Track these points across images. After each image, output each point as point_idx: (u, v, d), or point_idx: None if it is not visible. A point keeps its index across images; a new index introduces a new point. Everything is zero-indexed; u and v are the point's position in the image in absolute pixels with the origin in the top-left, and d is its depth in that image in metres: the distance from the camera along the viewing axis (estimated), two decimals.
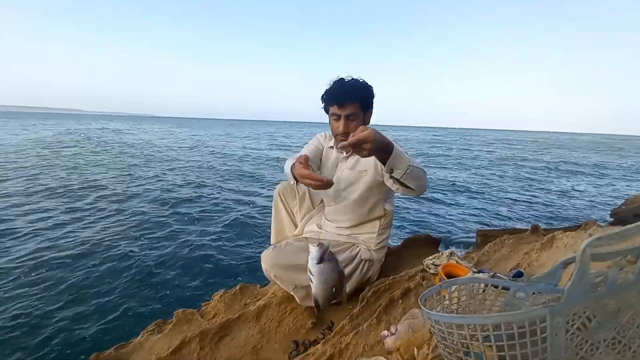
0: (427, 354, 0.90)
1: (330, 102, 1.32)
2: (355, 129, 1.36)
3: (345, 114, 1.31)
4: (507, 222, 5.35)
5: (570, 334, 0.65)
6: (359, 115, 1.33)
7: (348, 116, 1.31)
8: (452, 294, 0.78)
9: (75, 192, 6.15)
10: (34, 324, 2.30)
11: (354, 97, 1.30)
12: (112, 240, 3.84)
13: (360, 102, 1.32)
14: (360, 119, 1.35)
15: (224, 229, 4.43)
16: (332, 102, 1.31)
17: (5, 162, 9.02)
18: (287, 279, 1.33)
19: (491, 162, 13.74)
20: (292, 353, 1.21)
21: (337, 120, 1.34)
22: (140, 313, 2.46)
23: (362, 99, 1.32)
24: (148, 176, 8.13)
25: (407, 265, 1.73)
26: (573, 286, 0.57)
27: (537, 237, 1.92)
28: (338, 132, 1.35)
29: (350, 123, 1.33)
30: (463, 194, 7.17)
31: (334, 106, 1.31)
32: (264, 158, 13.23)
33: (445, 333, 0.63)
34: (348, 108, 1.30)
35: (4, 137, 17.12)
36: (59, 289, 2.74)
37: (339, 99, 1.29)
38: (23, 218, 4.50)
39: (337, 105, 1.30)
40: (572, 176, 10.65)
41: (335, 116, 1.34)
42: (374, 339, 1.11)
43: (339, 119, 1.33)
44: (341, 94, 1.29)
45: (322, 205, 1.64)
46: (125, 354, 1.29)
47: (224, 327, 1.31)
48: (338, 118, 1.33)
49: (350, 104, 1.29)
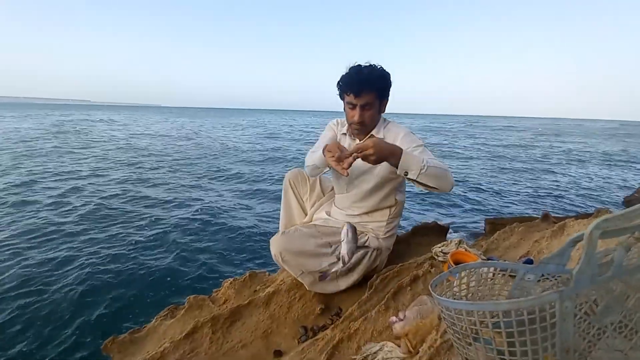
0: (435, 339, 0.91)
1: (346, 90, 1.29)
2: (370, 118, 1.37)
3: (361, 103, 1.29)
4: (517, 210, 5.29)
5: (578, 319, 0.65)
6: (374, 104, 1.32)
7: (364, 106, 1.29)
8: (462, 280, 0.78)
9: (81, 177, 6.28)
10: (51, 310, 2.39)
11: (371, 87, 1.27)
12: (123, 231, 3.92)
13: (377, 92, 1.30)
14: (375, 108, 1.33)
15: (232, 218, 4.48)
16: (348, 90, 1.28)
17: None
18: (296, 264, 1.34)
19: (499, 150, 13.48)
20: (302, 338, 1.24)
21: (352, 109, 1.32)
22: (153, 299, 2.53)
23: (378, 89, 1.30)
24: (166, 167, 8.23)
25: (415, 253, 1.73)
26: (581, 270, 0.57)
27: (548, 225, 1.89)
28: (353, 121, 1.34)
29: (365, 112, 1.31)
30: (471, 183, 7.08)
31: (350, 95, 1.28)
32: (264, 149, 13.17)
33: (454, 319, 0.64)
34: (364, 98, 1.27)
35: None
36: (76, 275, 2.82)
37: (355, 89, 1.26)
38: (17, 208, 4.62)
39: (354, 95, 1.27)
40: (583, 164, 10.42)
41: (350, 105, 1.32)
42: (383, 325, 1.12)
43: (354, 107, 1.31)
44: (358, 84, 1.26)
45: (332, 193, 1.64)
46: (140, 338, 1.33)
47: (234, 312, 1.34)
48: (353, 107, 1.31)
49: (366, 93, 1.27)
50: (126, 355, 1.27)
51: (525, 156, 11.90)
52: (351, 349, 1.04)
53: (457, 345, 0.71)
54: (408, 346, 0.96)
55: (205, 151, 11.60)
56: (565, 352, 0.61)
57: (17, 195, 5.21)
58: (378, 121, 1.41)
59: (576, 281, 0.58)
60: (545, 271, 0.72)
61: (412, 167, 1.06)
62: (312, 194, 1.66)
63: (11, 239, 3.52)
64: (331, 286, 1.41)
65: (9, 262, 3.03)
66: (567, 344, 0.61)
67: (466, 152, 12.52)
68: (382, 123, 1.43)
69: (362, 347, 1.04)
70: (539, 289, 0.76)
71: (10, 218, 4.17)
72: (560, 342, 0.61)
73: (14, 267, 2.93)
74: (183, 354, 1.18)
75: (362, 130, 1.38)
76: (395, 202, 1.47)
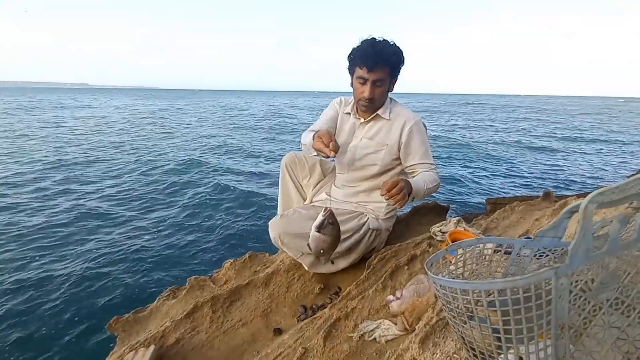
0: (431, 317, 0.91)
1: (359, 63, 1.24)
2: (380, 96, 1.34)
3: (374, 79, 1.25)
4: (518, 190, 5.27)
5: (574, 295, 0.65)
6: (386, 81, 1.28)
7: (376, 81, 1.25)
8: (458, 258, 0.77)
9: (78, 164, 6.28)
10: (57, 291, 2.45)
11: (386, 62, 1.23)
12: (124, 213, 3.96)
13: (390, 69, 1.26)
14: (386, 85, 1.30)
15: (231, 200, 4.50)
16: (361, 63, 1.23)
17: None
18: (294, 247, 1.34)
19: (499, 130, 13.26)
20: (301, 316, 1.25)
21: (363, 84, 1.28)
22: (155, 281, 2.58)
23: (392, 65, 1.26)
24: (152, 148, 8.20)
25: (414, 233, 1.73)
26: (576, 246, 0.55)
27: (549, 203, 1.88)
28: (362, 97, 1.30)
29: (376, 89, 1.27)
30: (472, 163, 7.03)
31: (363, 68, 1.24)
32: (263, 128, 13.03)
33: (450, 298, 0.63)
34: (378, 73, 1.24)
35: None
36: (82, 258, 2.88)
37: (369, 62, 1.21)
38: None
39: (367, 69, 1.23)
40: (585, 143, 10.26)
41: (361, 79, 1.27)
42: (380, 304, 1.13)
43: (365, 82, 1.27)
44: (373, 57, 1.21)
45: (333, 174, 1.62)
46: (143, 318, 1.36)
47: (234, 292, 1.36)
48: (364, 82, 1.27)
49: (380, 68, 1.23)
50: (130, 334, 1.30)
51: (525, 135, 11.72)
52: (348, 327, 1.06)
53: (452, 323, 0.71)
54: (404, 324, 0.97)
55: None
56: (560, 329, 0.61)
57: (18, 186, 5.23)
58: (385, 100, 1.38)
59: (571, 257, 0.56)
60: (540, 245, 0.70)
61: (419, 194, 1.23)
62: (313, 175, 1.64)
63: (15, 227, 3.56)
64: (330, 266, 1.42)
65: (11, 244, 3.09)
66: (562, 321, 0.61)
67: (467, 133, 12.34)
68: (388, 102, 1.40)
69: (359, 325, 1.05)
70: (535, 264, 0.75)
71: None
72: (555, 319, 0.60)
73: (15, 250, 2.99)
74: (184, 333, 1.21)
75: (369, 107, 1.35)
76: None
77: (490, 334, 0.63)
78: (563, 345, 0.62)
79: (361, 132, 1.42)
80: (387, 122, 1.38)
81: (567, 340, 0.62)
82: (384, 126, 1.38)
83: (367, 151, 1.39)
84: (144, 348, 1.12)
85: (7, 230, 3.36)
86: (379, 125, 1.39)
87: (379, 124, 1.40)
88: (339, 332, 1.04)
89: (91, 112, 20.05)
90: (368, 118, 1.40)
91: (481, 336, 0.66)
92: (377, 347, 0.98)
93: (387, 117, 1.37)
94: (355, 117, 1.44)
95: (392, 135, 1.36)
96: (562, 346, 0.62)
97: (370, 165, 1.41)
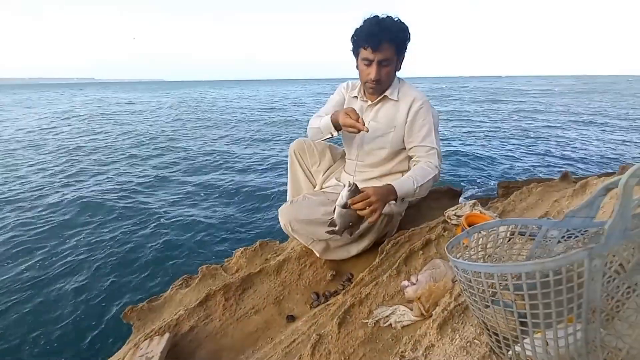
0: (449, 303, 0.88)
1: (363, 43, 1.18)
2: (387, 76, 1.27)
3: (379, 59, 1.18)
4: (532, 174, 5.14)
5: (607, 277, 0.61)
6: (392, 60, 1.21)
7: (381, 62, 1.19)
8: (478, 241, 0.73)
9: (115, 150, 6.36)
10: (77, 281, 2.50)
11: (391, 40, 1.16)
12: (138, 207, 4.00)
13: (396, 47, 1.19)
14: (393, 65, 1.23)
15: (239, 189, 4.51)
16: (365, 43, 1.17)
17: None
18: (305, 233, 1.32)
19: (508, 113, 12.83)
20: (314, 303, 1.24)
21: (368, 65, 1.22)
22: (168, 269, 2.62)
23: (398, 43, 1.19)
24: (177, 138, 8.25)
25: (427, 217, 1.69)
26: (614, 224, 0.51)
27: (568, 184, 1.81)
28: (368, 79, 1.24)
29: (383, 69, 1.21)
30: (484, 147, 6.86)
31: (367, 49, 1.17)
32: (263, 119, 12.93)
33: (472, 282, 0.60)
34: (383, 52, 1.17)
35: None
36: (95, 250, 2.93)
37: (374, 41, 1.15)
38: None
39: (372, 48, 1.16)
40: (602, 125, 9.85)
41: (366, 61, 1.21)
42: (394, 289, 1.11)
43: (370, 64, 1.21)
44: (377, 35, 1.14)
45: (342, 160, 1.58)
46: (157, 306, 1.37)
47: (246, 280, 1.35)
48: (370, 63, 1.21)
49: (386, 47, 1.16)
50: (145, 323, 1.31)
51: (537, 118, 11.35)
52: (363, 313, 1.04)
53: (473, 308, 0.68)
54: (421, 309, 0.95)
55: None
56: (592, 312, 0.57)
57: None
58: (393, 80, 1.32)
59: (608, 237, 0.52)
60: (570, 226, 0.65)
61: (409, 195, 1.19)
62: (323, 161, 1.60)
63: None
64: (342, 252, 1.40)
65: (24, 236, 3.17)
66: (593, 304, 0.57)
67: (475, 116, 12.02)
68: (396, 83, 1.34)
69: (374, 311, 1.03)
70: (562, 246, 0.71)
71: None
72: (587, 303, 0.56)
73: (28, 243, 3.06)
74: (198, 321, 1.21)
75: (377, 89, 1.29)
76: (408, 168, 1.40)
77: (516, 319, 0.60)
78: (593, 329, 0.58)
79: (369, 115, 1.37)
80: (395, 103, 1.32)
81: (597, 324, 0.58)
82: (392, 107, 1.33)
83: (376, 134, 1.35)
84: (158, 336, 1.13)
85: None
86: (387, 107, 1.34)
87: (387, 106, 1.34)
88: (353, 319, 1.02)
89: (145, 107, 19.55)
90: (375, 100, 1.35)
91: (505, 321, 0.63)
92: (393, 332, 0.96)
93: (395, 98, 1.31)
94: (363, 100, 1.39)
95: (400, 115, 1.31)
96: (592, 330, 0.58)
97: (379, 149, 1.36)
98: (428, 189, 1.26)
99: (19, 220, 3.53)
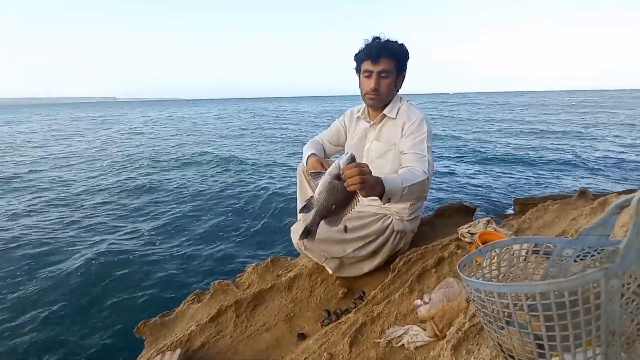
0: (463, 323, 0.86)
1: (364, 57, 1.27)
2: (386, 88, 1.32)
3: (378, 70, 1.25)
4: (548, 190, 4.99)
5: (626, 299, 0.59)
6: (392, 73, 1.27)
7: (381, 72, 1.26)
8: (492, 260, 0.72)
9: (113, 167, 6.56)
10: (85, 292, 2.55)
11: (389, 53, 1.24)
12: (151, 223, 4.08)
13: (396, 60, 1.26)
14: (392, 78, 1.29)
15: (252, 205, 4.55)
16: (366, 57, 1.26)
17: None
18: (318, 251, 1.32)
19: (520, 129, 12.56)
20: (325, 321, 1.23)
21: (368, 77, 1.28)
22: (179, 284, 2.64)
23: (397, 57, 1.26)
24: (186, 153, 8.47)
25: (440, 234, 1.67)
26: (629, 243, 0.50)
27: (586, 202, 1.76)
28: (368, 90, 1.29)
29: (382, 81, 1.27)
30: (497, 164, 6.72)
31: (367, 61, 1.26)
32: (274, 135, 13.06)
33: (485, 302, 0.59)
34: (382, 64, 1.24)
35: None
36: (109, 262, 2.99)
37: (373, 53, 1.24)
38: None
39: (371, 60, 1.25)
40: (620, 139, 9.56)
41: (367, 73, 1.28)
42: (407, 308, 1.09)
43: (370, 75, 1.27)
44: (376, 48, 1.24)
45: None
46: (170, 321, 1.38)
47: (257, 296, 1.36)
48: (370, 75, 1.28)
49: (384, 59, 1.24)
50: (157, 338, 1.32)
51: (549, 133, 11.07)
52: (375, 332, 1.02)
53: (487, 329, 0.67)
54: (434, 329, 0.93)
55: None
56: (611, 335, 0.55)
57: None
58: (393, 97, 1.35)
59: (623, 256, 0.51)
60: (586, 244, 0.64)
61: (395, 192, 1.03)
62: None
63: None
64: (354, 270, 1.39)
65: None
66: (612, 327, 0.55)
67: (487, 132, 11.87)
68: (397, 101, 1.36)
69: (386, 330, 1.01)
70: (579, 265, 0.70)
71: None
72: (606, 325, 0.55)
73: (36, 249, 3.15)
74: (209, 337, 1.21)
75: (376, 100, 1.33)
76: None
77: (532, 341, 0.58)
78: (614, 352, 0.56)
79: (372, 135, 1.40)
80: (394, 122, 1.35)
81: (618, 348, 0.56)
82: (392, 126, 1.36)
83: (379, 152, 1.38)
84: (170, 351, 1.14)
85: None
86: (387, 126, 1.37)
87: (387, 125, 1.38)
88: (365, 338, 1.01)
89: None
90: (376, 119, 1.39)
91: (521, 343, 0.62)
92: (406, 353, 0.94)
93: (393, 116, 1.34)
94: (366, 120, 1.43)
95: (397, 133, 1.33)
96: (613, 354, 0.56)
97: (382, 167, 1.37)
98: (417, 194, 1.15)
99: (31, 230, 3.64)
